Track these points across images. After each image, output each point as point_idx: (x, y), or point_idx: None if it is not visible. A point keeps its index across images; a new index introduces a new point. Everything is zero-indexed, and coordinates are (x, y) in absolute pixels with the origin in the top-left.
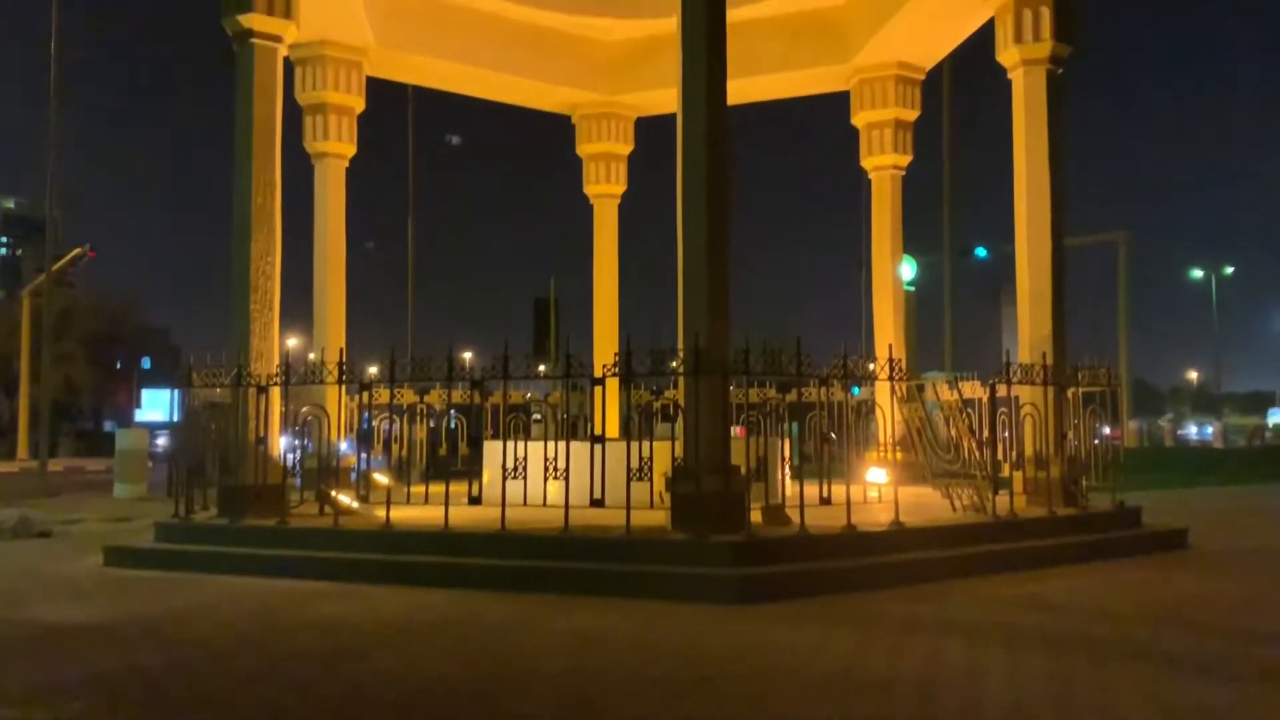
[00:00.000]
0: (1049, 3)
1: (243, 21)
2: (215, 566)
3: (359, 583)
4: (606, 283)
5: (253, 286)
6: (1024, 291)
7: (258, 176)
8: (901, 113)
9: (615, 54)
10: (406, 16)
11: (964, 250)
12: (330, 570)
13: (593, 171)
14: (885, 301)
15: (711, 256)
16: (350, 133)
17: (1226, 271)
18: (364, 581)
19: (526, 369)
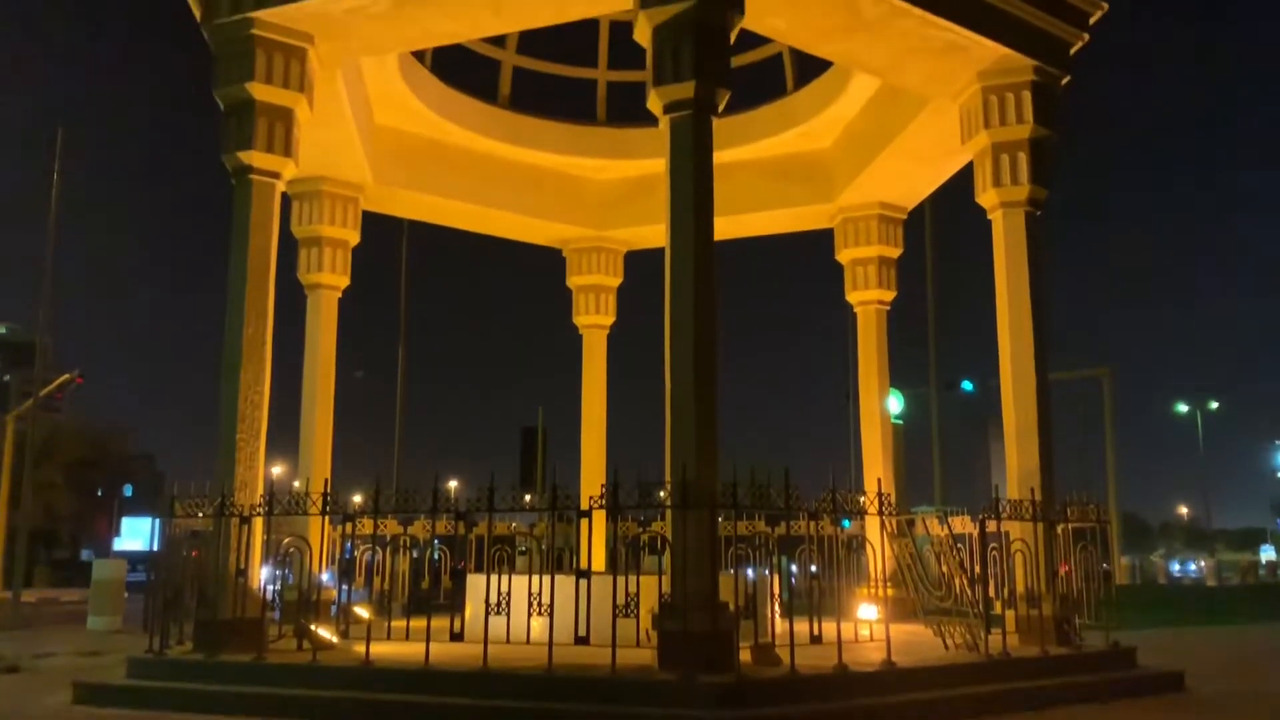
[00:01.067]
0: (1025, 148)
1: (243, 158)
2: (189, 705)
3: None
4: (595, 413)
5: (240, 416)
6: (1011, 427)
7: (250, 307)
8: (885, 250)
9: (606, 191)
10: (404, 154)
11: (950, 383)
12: (308, 708)
13: (582, 303)
14: (873, 434)
15: (699, 389)
16: (344, 265)
17: (1212, 406)
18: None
19: (512, 501)
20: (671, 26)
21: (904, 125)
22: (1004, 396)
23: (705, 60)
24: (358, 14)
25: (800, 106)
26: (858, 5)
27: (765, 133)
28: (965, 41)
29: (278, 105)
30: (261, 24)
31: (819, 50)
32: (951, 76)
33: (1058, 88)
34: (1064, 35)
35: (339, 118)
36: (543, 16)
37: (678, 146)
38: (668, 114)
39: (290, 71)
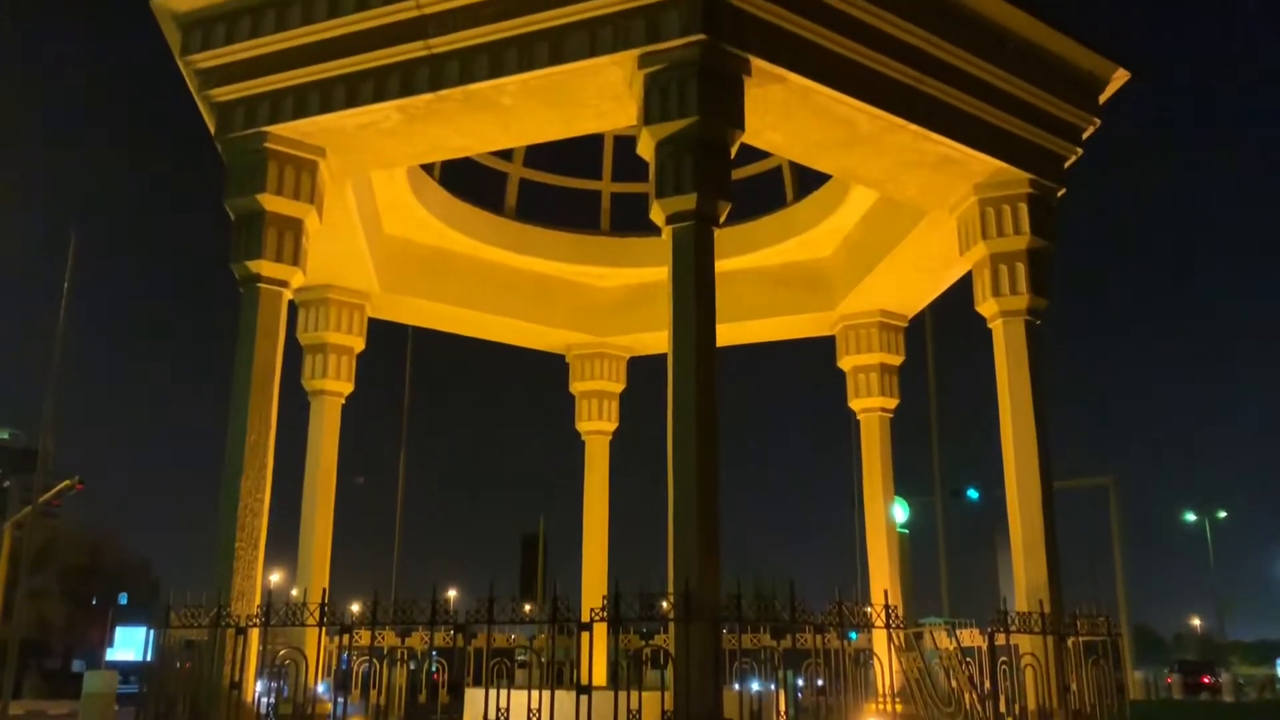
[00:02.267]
0: (1024, 259)
1: (252, 267)
2: None
3: None
4: (596, 521)
5: (239, 524)
6: (1017, 538)
7: (254, 414)
8: (886, 358)
9: (609, 298)
10: (411, 263)
11: (956, 491)
12: None
13: (585, 409)
14: (879, 543)
15: (702, 498)
16: (349, 372)
17: (1220, 515)
18: None
19: (512, 613)
20: (674, 141)
21: (903, 235)
22: (1010, 507)
23: (706, 173)
24: (369, 129)
25: (800, 217)
26: (854, 121)
27: (766, 242)
28: (960, 155)
29: (288, 216)
30: (274, 138)
31: (817, 164)
32: (948, 189)
33: (1053, 199)
34: (1057, 149)
35: (348, 228)
36: (550, 132)
37: (680, 256)
38: (670, 225)
39: (301, 183)
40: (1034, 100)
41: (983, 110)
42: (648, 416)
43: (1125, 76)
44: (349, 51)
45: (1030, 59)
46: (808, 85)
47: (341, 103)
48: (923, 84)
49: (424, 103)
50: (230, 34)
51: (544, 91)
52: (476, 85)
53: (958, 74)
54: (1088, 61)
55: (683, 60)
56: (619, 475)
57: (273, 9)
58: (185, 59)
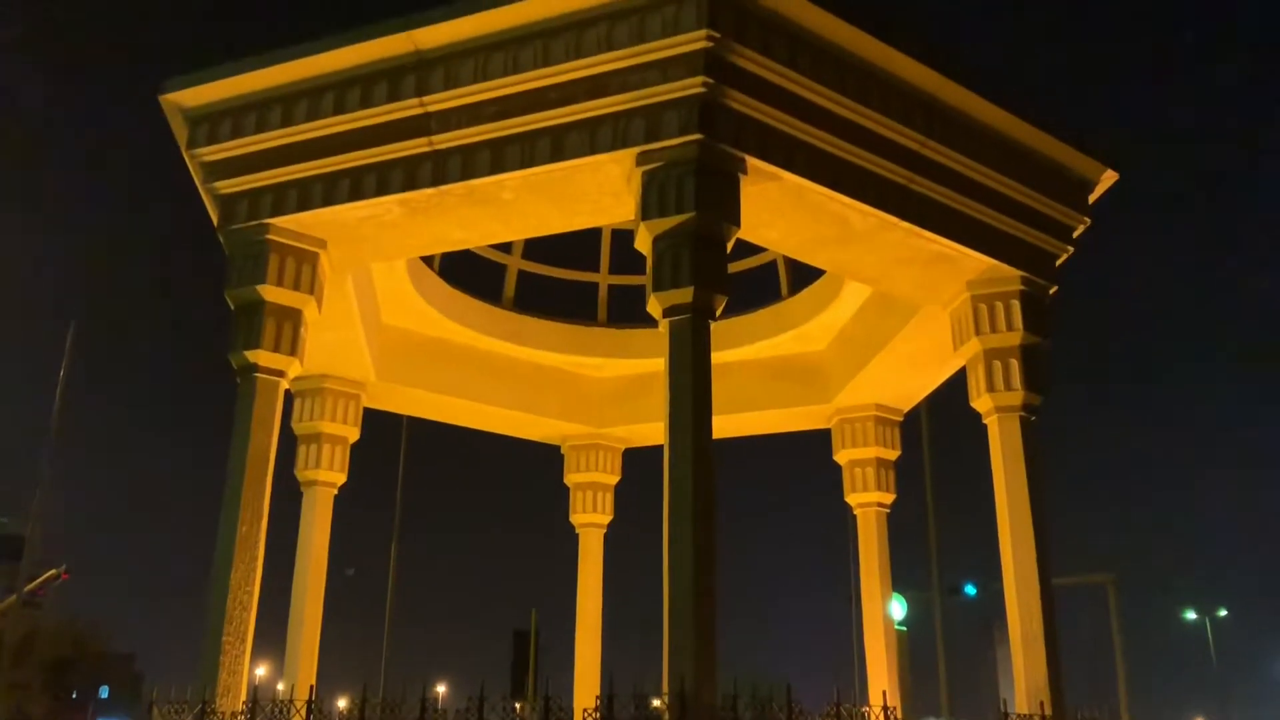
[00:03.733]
0: (1017, 355)
1: (250, 356)
2: None
3: None
4: (590, 616)
5: (228, 618)
6: (1016, 635)
7: (246, 506)
8: (882, 452)
9: (606, 389)
10: (408, 353)
11: (953, 588)
12: None
13: (579, 501)
14: (877, 641)
15: (698, 595)
16: (343, 462)
17: (1221, 614)
18: None
19: (503, 711)
20: (671, 236)
21: (897, 330)
22: (1008, 605)
23: (703, 267)
24: (371, 222)
25: (796, 310)
26: (847, 218)
27: (762, 335)
28: (953, 253)
29: (287, 306)
30: (276, 229)
31: (811, 259)
32: (941, 285)
33: (1046, 297)
34: (1048, 247)
35: (346, 318)
36: (549, 226)
37: (677, 348)
38: (667, 317)
39: (301, 274)
40: (1025, 200)
41: (974, 209)
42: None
43: (1114, 177)
44: (353, 146)
45: (1021, 160)
46: (802, 183)
47: (344, 196)
48: (915, 183)
49: (426, 197)
50: (236, 128)
51: (544, 187)
52: (478, 180)
53: (949, 174)
54: (1077, 163)
55: (680, 158)
56: (613, 569)
57: (279, 104)
58: (191, 152)
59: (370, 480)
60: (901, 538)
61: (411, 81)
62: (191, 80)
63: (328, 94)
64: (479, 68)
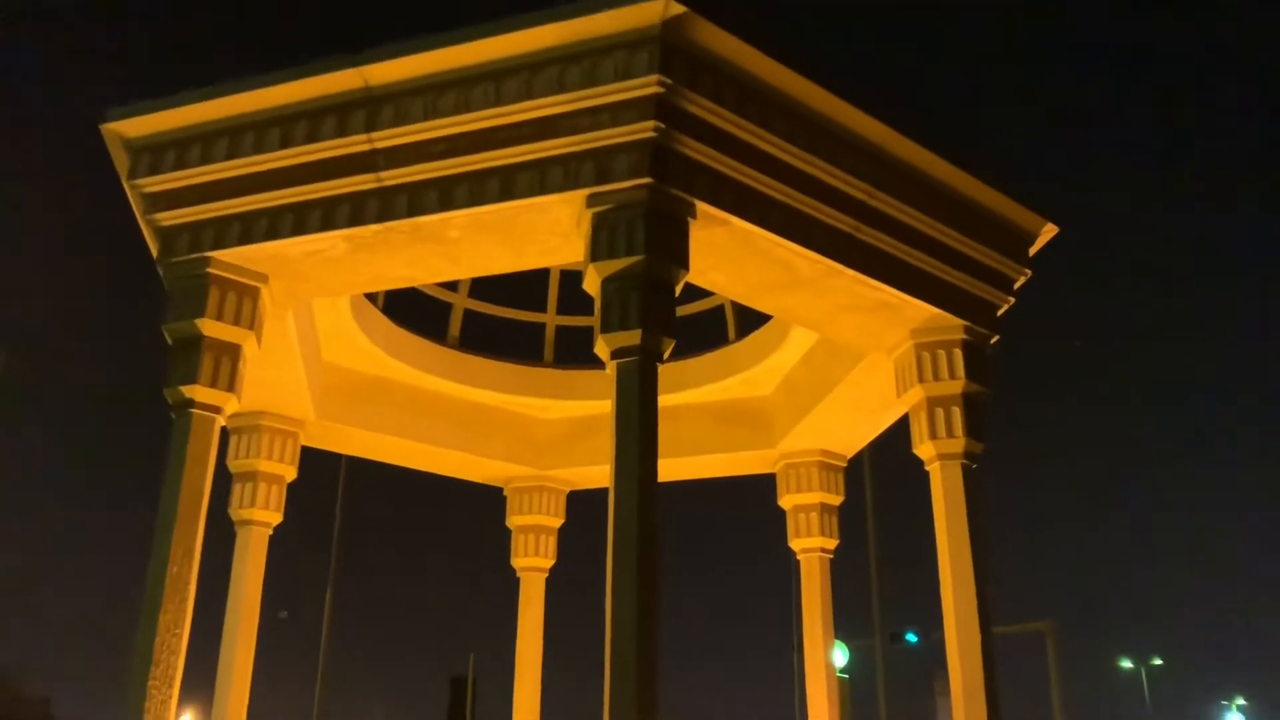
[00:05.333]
0: (959, 404)
1: (185, 392)
2: None
3: None
4: (530, 661)
5: (155, 661)
6: (957, 686)
7: (177, 545)
8: (826, 497)
9: (551, 431)
10: (349, 391)
11: (895, 635)
12: None
13: (521, 544)
14: (819, 689)
15: (640, 638)
16: (279, 501)
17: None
18: None
19: None
20: (619, 279)
21: (842, 376)
22: (949, 655)
23: (651, 311)
24: (314, 257)
25: (742, 355)
26: (793, 265)
27: (708, 378)
28: (897, 301)
29: (226, 341)
30: (218, 263)
31: (758, 304)
32: (885, 333)
33: (987, 346)
34: (990, 298)
35: (286, 354)
36: (497, 266)
37: (623, 391)
38: (614, 359)
39: (242, 309)
40: (968, 251)
41: (919, 259)
42: (587, 552)
43: (1053, 231)
44: (298, 181)
45: (965, 212)
46: (750, 229)
47: (288, 231)
48: (861, 232)
49: (371, 233)
50: (180, 160)
51: (492, 226)
52: (425, 218)
53: (895, 224)
54: (1018, 215)
55: (630, 201)
56: (555, 613)
57: (225, 137)
58: (132, 182)
59: (307, 521)
60: (844, 584)
61: (360, 117)
62: (134, 110)
63: (274, 128)
64: (429, 105)
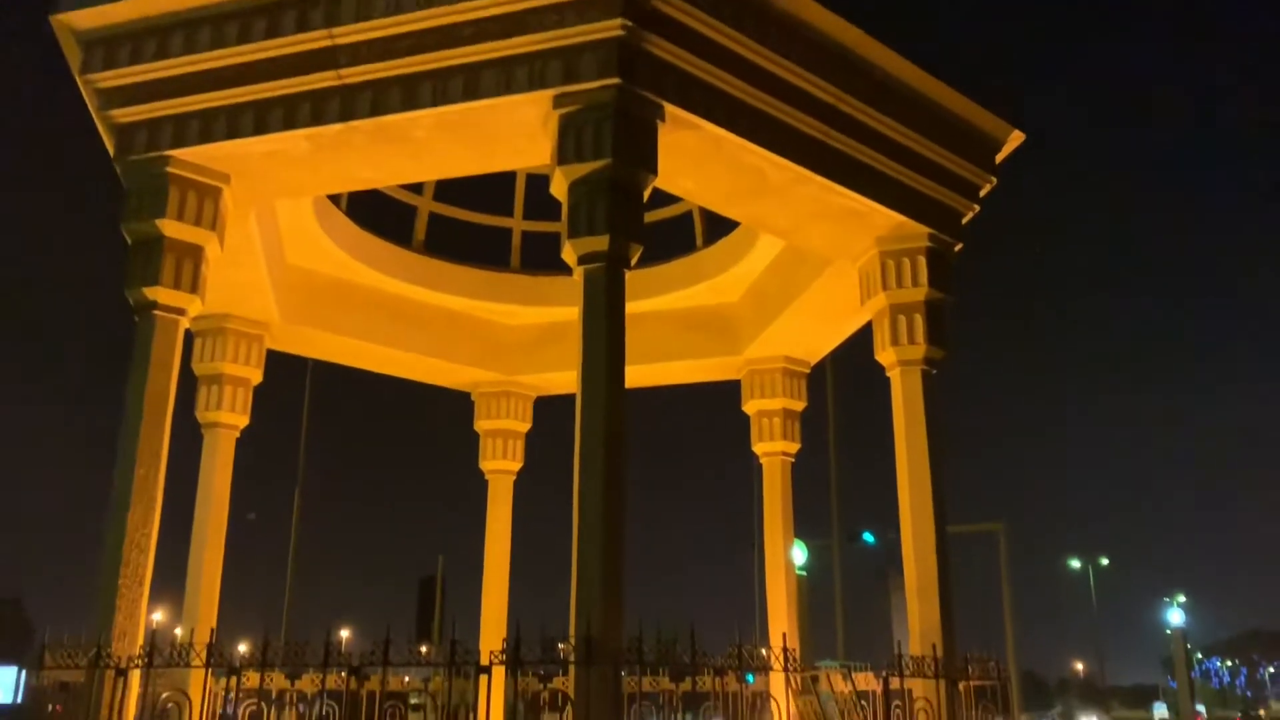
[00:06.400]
0: (921, 311)
1: (148, 293)
2: None
3: None
4: (497, 562)
5: (124, 560)
6: (912, 583)
7: (144, 447)
8: (789, 403)
9: (518, 337)
10: (313, 294)
11: (852, 535)
12: None
13: (489, 448)
14: (778, 586)
15: (606, 540)
16: (245, 404)
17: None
18: None
19: (409, 655)
20: (587, 183)
21: (807, 284)
22: (905, 553)
23: (619, 215)
24: (276, 157)
25: (710, 262)
26: (763, 171)
27: (676, 285)
28: (864, 209)
29: (188, 243)
30: (177, 162)
31: (727, 211)
32: (851, 241)
33: (951, 254)
34: (956, 205)
35: (249, 256)
36: (462, 168)
37: (591, 297)
38: (582, 265)
39: (203, 210)
40: (935, 158)
41: (887, 166)
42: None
43: (1020, 138)
44: (258, 78)
45: (933, 118)
46: (719, 134)
47: (249, 130)
48: (830, 138)
49: (334, 133)
50: (135, 54)
51: (457, 127)
52: (388, 118)
53: (864, 130)
54: (986, 123)
55: (598, 102)
56: (522, 516)
57: (181, 30)
58: (85, 77)
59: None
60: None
61: (321, 12)
62: (87, 0)
63: (233, 22)
64: (392, 0)
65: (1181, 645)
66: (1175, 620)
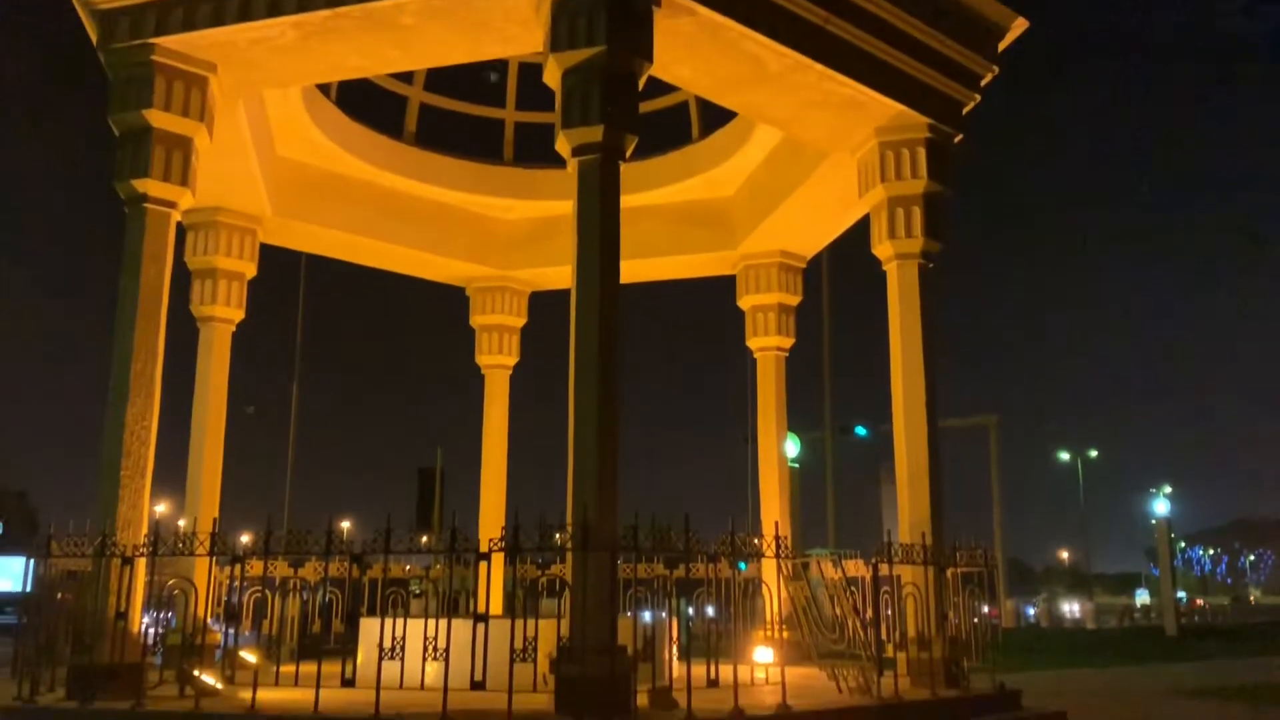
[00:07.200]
0: (919, 203)
1: (137, 186)
2: None
3: None
4: (495, 455)
5: (125, 452)
6: (903, 472)
7: (140, 341)
8: (784, 298)
9: (512, 231)
10: (305, 187)
11: (845, 428)
12: None
13: (485, 343)
14: (771, 478)
15: (601, 431)
16: (239, 298)
17: (1092, 454)
18: None
19: (409, 543)
20: (581, 71)
21: (805, 177)
22: (896, 443)
23: (614, 105)
24: (263, 45)
25: (705, 154)
26: (761, 58)
27: (671, 179)
28: (863, 98)
29: (176, 134)
30: (162, 50)
31: (724, 101)
32: (850, 131)
33: (951, 145)
34: (957, 95)
35: (239, 148)
36: (453, 56)
37: (585, 189)
38: (576, 157)
39: (191, 100)
40: (937, 45)
41: (887, 53)
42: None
43: (1024, 25)
44: None
45: (935, 4)
46: (717, 20)
47: (234, 16)
48: (830, 24)
49: (321, 19)
50: None
51: (447, 13)
52: (376, 3)
53: (865, 16)
54: (989, 9)
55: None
56: (518, 410)
57: None
58: None
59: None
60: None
61: None
62: None
63: None
64: None
65: (1165, 535)
66: (1160, 510)
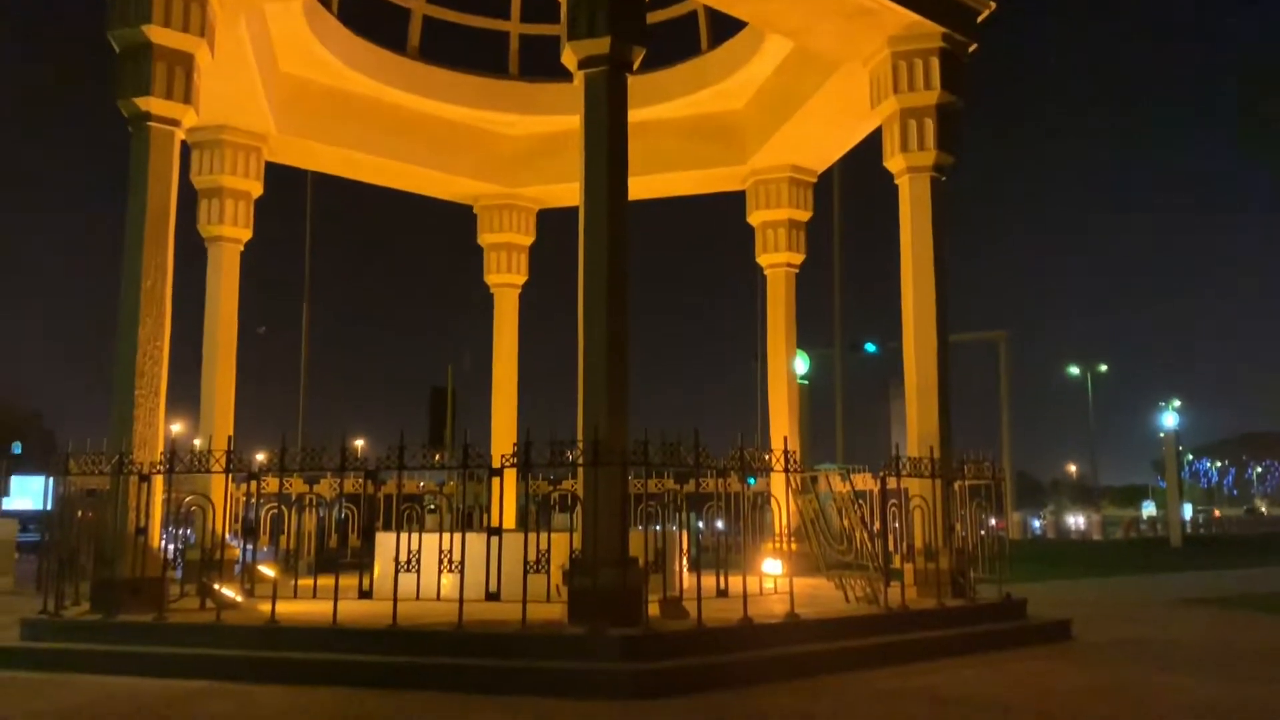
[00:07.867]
0: (932, 115)
1: (140, 104)
2: (88, 665)
3: (242, 681)
4: (506, 373)
5: (139, 371)
6: (912, 387)
7: (148, 260)
8: (795, 213)
9: (518, 148)
10: (309, 104)
11: (854, 345)
12: (211, 668)
13: (494, 261)
14: (780, 394)
15: (612, 349)
16: (246, 217)
17: (1101, 369)
18: (248, 680)
19: (424, 459)
20: None
21: (816, 88)
22: (905, 358)
23: (621, 15)
24: None
25: (715, 66)
26: None
27: (680, 92)
28: (875, 5)
29: (177, 50)
30: None
31: (734, 9)
32: (862, 41)
33: (965, 55)
34: (972, 3)
35: (241, 64)
36: None
37: (592, 103)
38: (582, 70)
39: (190, 14)
40: None
41: None
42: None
43: None
44: None
45: None
46: None
47: None
48: None
49: None
50: None
51: None
52: None
53: None
54: None
55: None
56: (528, 327)
57: None
58: None
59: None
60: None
61: None
62: None
63: None
64: None
65: (1173, 448)
66: (1169, 424)
